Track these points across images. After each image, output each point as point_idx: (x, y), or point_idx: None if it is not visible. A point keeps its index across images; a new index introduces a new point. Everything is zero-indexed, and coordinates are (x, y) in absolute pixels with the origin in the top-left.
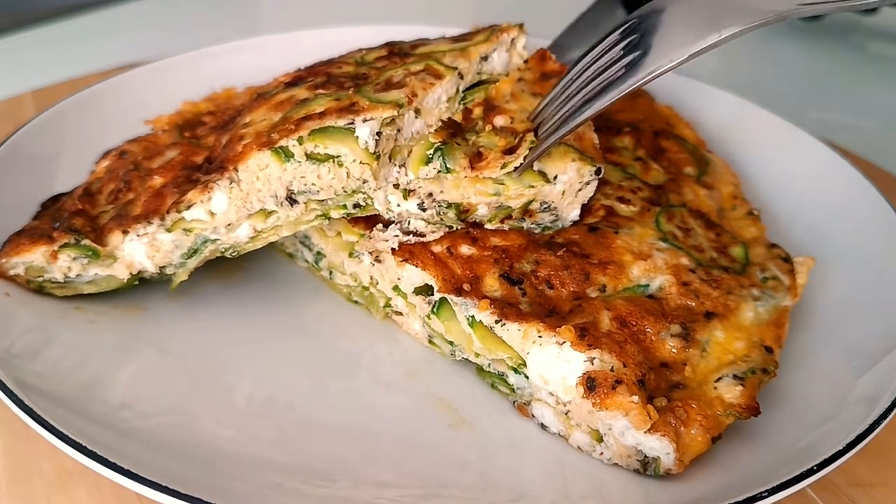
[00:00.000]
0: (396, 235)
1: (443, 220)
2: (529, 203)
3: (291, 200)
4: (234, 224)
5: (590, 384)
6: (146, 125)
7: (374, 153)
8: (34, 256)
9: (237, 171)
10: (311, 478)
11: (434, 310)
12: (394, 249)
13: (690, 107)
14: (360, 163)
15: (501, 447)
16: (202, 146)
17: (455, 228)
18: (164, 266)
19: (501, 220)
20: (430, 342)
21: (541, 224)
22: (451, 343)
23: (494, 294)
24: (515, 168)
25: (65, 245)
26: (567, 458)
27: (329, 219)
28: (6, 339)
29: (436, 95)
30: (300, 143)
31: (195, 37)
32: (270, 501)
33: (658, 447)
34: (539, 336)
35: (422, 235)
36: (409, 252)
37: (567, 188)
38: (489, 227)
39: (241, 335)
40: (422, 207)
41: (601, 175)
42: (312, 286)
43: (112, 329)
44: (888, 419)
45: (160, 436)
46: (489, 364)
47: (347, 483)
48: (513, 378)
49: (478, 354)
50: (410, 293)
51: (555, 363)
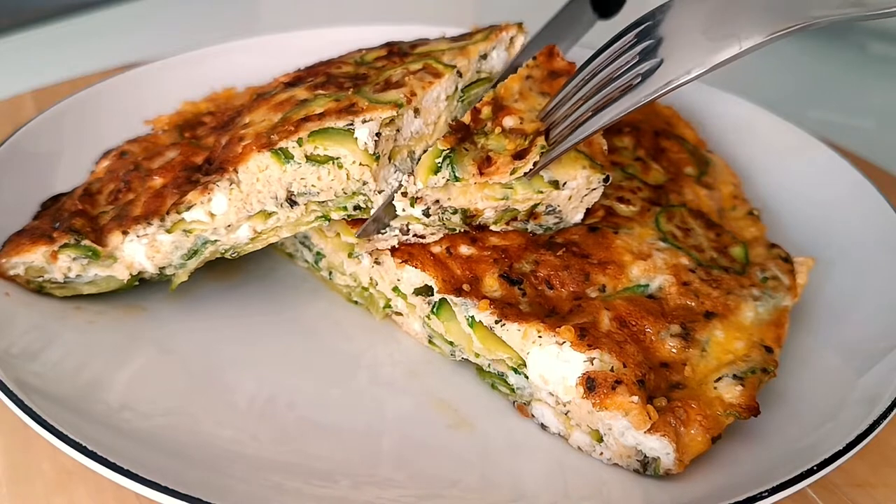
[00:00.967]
0: (395, 236)
1: (445, 225)
2: (535, 206)
3: (291, 202)
4: (234, 225)
5: (590, 384)
6: (146, 125)
7: (374, 154)
8: (34, 256)
9: (237, 173)
10: (311, 478)
11: (434, 310)
12: (393, 250)
13: (690, 107)
14: (360, 164)
15: (501, 447)
16: (202, 146)
17: (457, 231)
18: (164, 267)
19: (507, 223)
20: (430, 342)
21: (544, 226)
22: (451, 343)
23: (494, 294)
24: (525, 174)
25: (65, 245)
26: (567, 458)
27: (329, 220)
28: (6, 340)
29: (434, 94)
30: (300, 145)
31: (195, 37)
32: (270, 501)
33: (658, 447)
34: (539, 336)
35: (421, 237)
36: (409, 253)
37: (574, 193)
38: (493, 229)
39: (241, 335)
40: (426, 213)
41: (609, 183)
42: (312, 286)
43: (112, 329)
44: (888, 419)
45: (160, 436)
46: (489, 364)
47: (347, 483)
48: (513, 378)
49: (478, 355)
50: (410, 294)
51: (555, 363)
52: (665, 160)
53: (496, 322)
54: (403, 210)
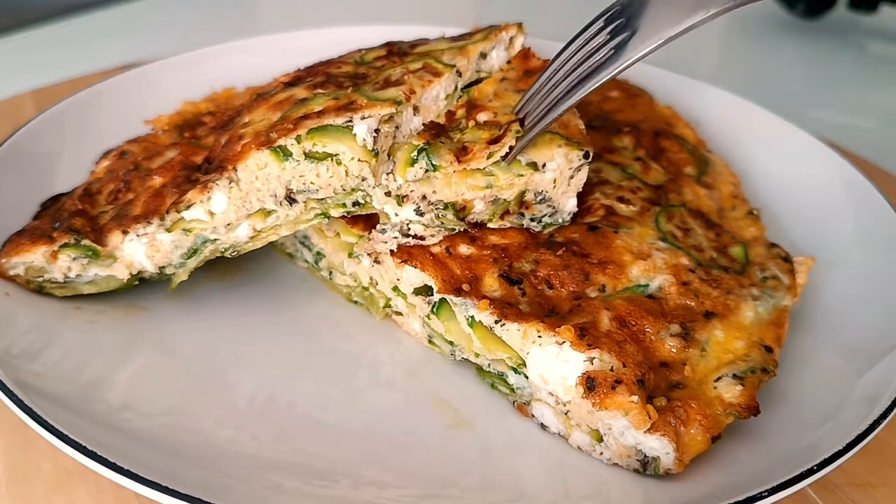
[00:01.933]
0: (395, 237)
1: (443, 224)
2: (524, 194)
3: (290, 199)
4: (234, 224)
5: (589, 384)
6: (146, 125)
7: (373, 150)
8: (34, 256)
9: (236, 171)
10: (311, 478)
11: (434, 310)
12: (392, 250)
13: (690, 107)
14: (359, 160)
15: (501, 447)
16: (202, 146)
17: (457, 230)
18: (164, 266)
19: (501, 217)
20: (430, 342)
21: (540, 219)
22: (451, 343)
23: (494, 294)
24: (504, 157)
25: (65, 245)
26: (567, 458)
27: (328, 217)
28: (6, 340)
29: (434, 93)
30: (298, 142)
31: (195, 37)
32: (270, 501)
33: (658, 447)
34: (539, 336)
35: (421, 239)
36: (408, 253)
37: (558, 175)
38: (491, 227)
39: (241, 335)
40: (419, 213)
41: (590, 159)
42: (312, 286)
43: (112, 329)
44: (888, 419)
45: (160, 436)
46: (489, 364)
47: (347, 483)
48: (513, 378)
49: (478, 354)
50: (410, 294)
51: (554, 363)
52: (665, 160)
53: (496, 322)
54: (396, 214)
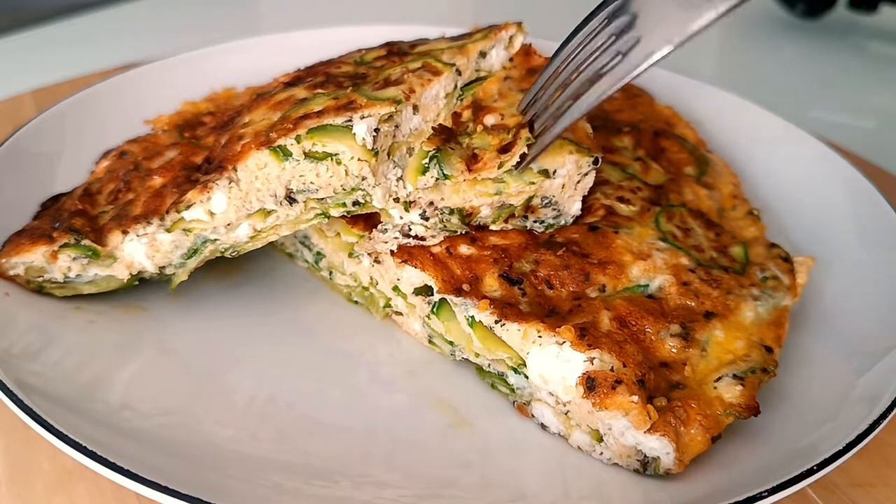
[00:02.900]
0: (396, 237)
1: (446, 227)
2: (531, 199)
3: (290, 199)
4: (234, 224)
5: (590, 384)
6: (146, 125)
7: (373, 150)
8: (34, 256)
9: (236, 171)
10: (311, 478)
11: (434, 310)
12: (392, 251)
13: (690, 107)
14: (359, 160)
15: (501, 447)
16: (202, 146)
17: (459, 233)
18: (164, 266)
19: (505, 220)
20: (430, 342)
21: (544, 221)
22: (451, 343)
23: (494, 294)
24: (515, 166)
25: (65, 245)
26: (567, 458)
27: (328, 217)
28: (6, 340)
29: (433, 92)
30: (298, 142)
31: (195, 37)
32: (270, 501)
33: (658, 447)
34: (539, 336)
35: (422, 239)
36: (408, 253)
37: (567, 181)
38: (493, 228)
39: (241, 335)
40: (424, 217)
41: (599, 165)
42: (312, 286)
43: (112, 329)
44: (888, 419)
45: (160, 436)
46: (489, 364)
47: (347, 483)
48: (513, 378)
49: (478, 354)
50: (410, 294)
51: (554, 363)
52: (665, 160)
53: (496, 322)
54: (401, 217)
